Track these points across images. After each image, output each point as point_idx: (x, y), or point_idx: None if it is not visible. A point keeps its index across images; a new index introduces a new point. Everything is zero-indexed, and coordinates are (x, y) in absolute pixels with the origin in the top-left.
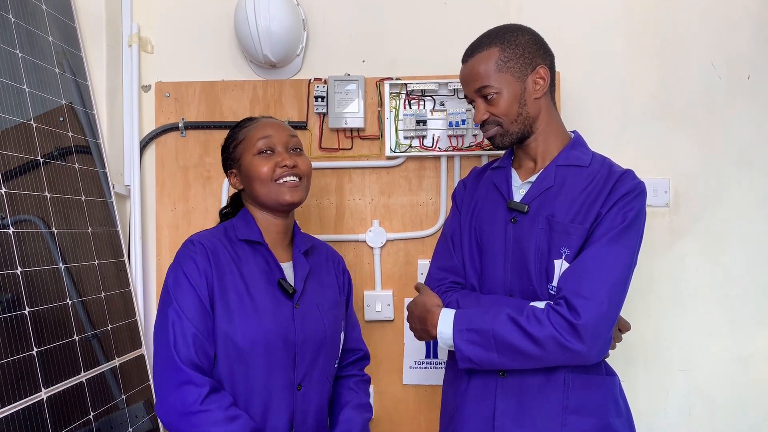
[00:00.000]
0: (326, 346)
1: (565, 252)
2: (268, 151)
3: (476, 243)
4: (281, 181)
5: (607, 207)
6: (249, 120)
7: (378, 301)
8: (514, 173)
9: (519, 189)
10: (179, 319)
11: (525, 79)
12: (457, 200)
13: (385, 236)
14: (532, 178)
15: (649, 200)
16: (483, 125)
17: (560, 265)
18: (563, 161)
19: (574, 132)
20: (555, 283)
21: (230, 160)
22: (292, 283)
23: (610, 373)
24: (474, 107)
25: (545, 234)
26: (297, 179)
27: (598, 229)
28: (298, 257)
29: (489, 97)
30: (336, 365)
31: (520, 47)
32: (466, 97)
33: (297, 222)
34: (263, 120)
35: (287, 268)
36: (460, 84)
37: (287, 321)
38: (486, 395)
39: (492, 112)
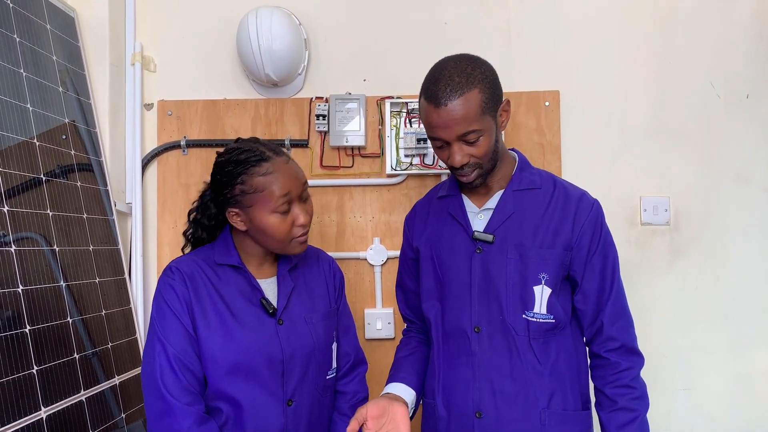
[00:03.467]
0: (315, 359)
1: (544, 277)
2: (285, 209)
3: (435, 275)
4: (295, 237)
5: (583, 233)
6: (258, 160)
7: (379, 319)
8: (466, 199)
9: (477, 215)
10: (163, 347)
11: (496, 116)
12: (408, 235)
13: (386, 254)
14: (490, 204)
15: (649, 218)
16: (460, 168)
17: (541, 291)
18: (518, 186)
19: (513, 150)
20: (539, 309)
21: (233, 199)
22: (277, 299)
23: (587, 408)
24: (449, 150)
25: (516, 263)
26: (307, 232)
27: (595, 262)
28: (283, 274)
29: (473, 141)
30: (331, 376)
31: (492, 84)
32: (434, 139)
33: None
34: (279, 167)
35: (271, 284)
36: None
37: (270, 338)
38: None
39: (473, 155)
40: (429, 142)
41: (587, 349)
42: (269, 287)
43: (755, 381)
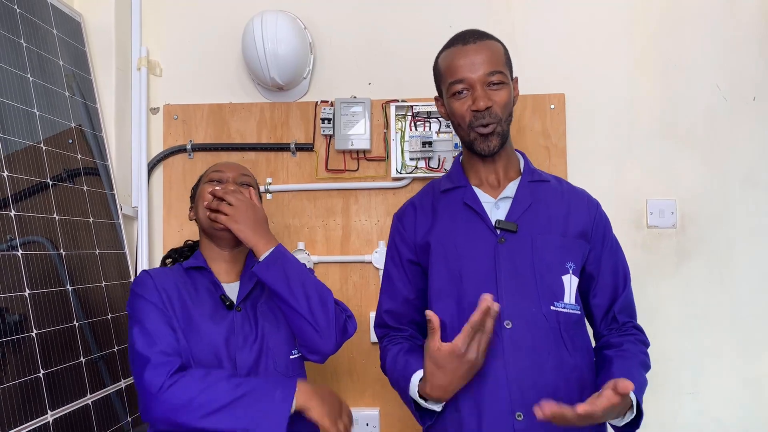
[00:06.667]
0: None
1: (571, 267)
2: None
3: (448, 272)
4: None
5: (597, 226)
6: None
7: None
8: (477, 190)
9: (494, 205)
10: (141, 328)
11: (510, 85)
12: (405, 234)
13: None
14: (507, 193)
15: (656, 221)
16: (480, 116)
17: (569, 280)
18: (531, 177)
19: (516, 151)
20: (569, 300)
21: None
22: (237, 297)
23: None
24: (471, 96)
25: (543, 252)
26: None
27: (609, 256)
28: (245, 275)
29: (496, 84)
30: (295, 356)
31: (508, 53)
32: (456, 83)
33: (304, 244)
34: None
35: (235, 287)
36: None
37: (228, 329)
38: None
39: (496, 101)
40: (433, 145)
41: (593, 343)
42: (234, 290)
43: (762, 385)
